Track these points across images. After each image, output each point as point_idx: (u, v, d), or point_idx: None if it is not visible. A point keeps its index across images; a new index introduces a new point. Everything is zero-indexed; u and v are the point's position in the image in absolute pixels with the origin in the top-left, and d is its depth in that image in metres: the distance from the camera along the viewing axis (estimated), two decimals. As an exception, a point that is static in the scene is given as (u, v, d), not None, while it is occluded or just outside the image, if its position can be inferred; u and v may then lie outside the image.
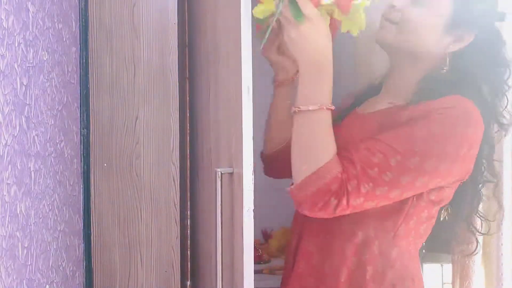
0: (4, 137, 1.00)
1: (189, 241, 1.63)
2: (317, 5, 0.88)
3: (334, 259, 0.99)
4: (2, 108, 0.99)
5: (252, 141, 0.83)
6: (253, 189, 0.84)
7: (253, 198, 0.85)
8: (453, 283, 1.36)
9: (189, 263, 1.62)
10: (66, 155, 1.36)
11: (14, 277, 1.03)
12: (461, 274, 1.29)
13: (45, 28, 1.22)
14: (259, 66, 1.95)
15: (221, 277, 1.00)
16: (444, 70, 0.98)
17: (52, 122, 1.27)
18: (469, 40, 0.96)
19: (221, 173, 0.97)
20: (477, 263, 1.27)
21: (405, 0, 0.97)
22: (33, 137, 1.14)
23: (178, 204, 1.52)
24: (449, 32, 0.96)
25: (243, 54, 0.82)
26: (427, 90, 0.96)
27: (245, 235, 0.83)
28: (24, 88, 1.09)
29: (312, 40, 0.87)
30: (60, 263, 1.31)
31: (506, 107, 1.02)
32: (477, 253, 1.16)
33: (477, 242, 1.14)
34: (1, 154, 0.98)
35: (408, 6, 0.97)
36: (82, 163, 1.49)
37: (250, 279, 0.84)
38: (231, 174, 0.97)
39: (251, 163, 0.84)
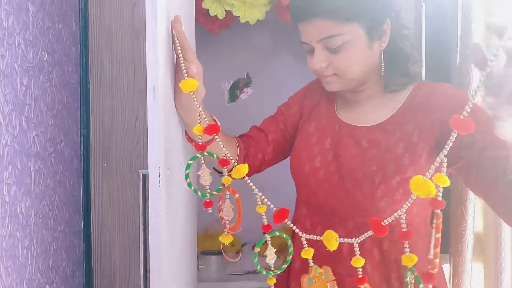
0: (4, 137, 1.00)
1: (189, 241, 1.63)
2: None
3: None
4: (2, 108, 0.99)
5: (159, 141, 0.76)
6: (159, 191, 0.77)
7: (161, 200, 0.77)
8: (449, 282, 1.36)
9: (189, 263, 1.62)
10: (66, 155, 1.36)
11: (14, 277, 1.02)
12: (457, 273, 1.29)
13: (45, 28, 1.22)
14: (261, 67, 1.96)
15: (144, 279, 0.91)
16: (382, 66, 0.93)
17: (52, 122, 1.27)
18: (389, 28, 0.89)
19: (143, 175, 0.91)
20: (467, 262, 1.27)
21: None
22: (33, 137, 1.14)
23: (178, 204, 1.52)
24: (374, 40, 0.89)
25: (149, 54, 0.74)
26: None
27: (151, 239, 0.76)
28: (24, 88, 1.09)
29: None
30: (60, 263, 1.31)
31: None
32: None
33: None
34: (1, 154, 0.98)
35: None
36: (82, 163, 1.49)
37: (158, 282, 0.77)
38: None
39: (158, 164, 0.76)
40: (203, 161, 0.80)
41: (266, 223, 0.80)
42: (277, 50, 1.94)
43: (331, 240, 0.76)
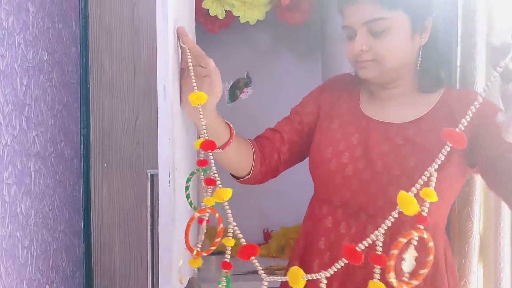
0: (4, 137, 1.00)
1: (189, 241, 1.63)
2: None
3: None
4: (2, 108, 0.99)
5: (168, 141, 0.75)
6: (169, 191, 0.75)
7: (170, 201, 0.76)
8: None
9: (189, 263, 1.62)
10: (66, 155, 1.36)
11: (14, 277, 1.02)
12: (464, 274, 1.29)
13: (45, 28, 1.22)
14: (261, 67, 1.96)
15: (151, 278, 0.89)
16: (419, 61, 0.95)
17: (52, 122, 1.27)
18: (430, 25, 0.92)
19: (151, 175, 0.90)
20: (474, 263, 1.27)
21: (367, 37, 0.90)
22: (33, 137, 1.14)
23: (178, 204, 1.52)
24: (416, 31, 0.91)
25: (159, 53, 0.74)
26: None
27: (161, 239, 0.75)
28: (24, 88, 1.09)
29: None
30: (60, 263, 1.31)
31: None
32: None
33: None
34: (1, 154, 0.98)
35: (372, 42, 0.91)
36: (82, 163, 1.49)
37: (166, 281, 0.77)
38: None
39: (168, 164, 0.75)
40: (202, 177, 0.78)
41: (228, 260, 0.74)
42: (277, 50, 1.94)
43: (298, 278, 0.67)
